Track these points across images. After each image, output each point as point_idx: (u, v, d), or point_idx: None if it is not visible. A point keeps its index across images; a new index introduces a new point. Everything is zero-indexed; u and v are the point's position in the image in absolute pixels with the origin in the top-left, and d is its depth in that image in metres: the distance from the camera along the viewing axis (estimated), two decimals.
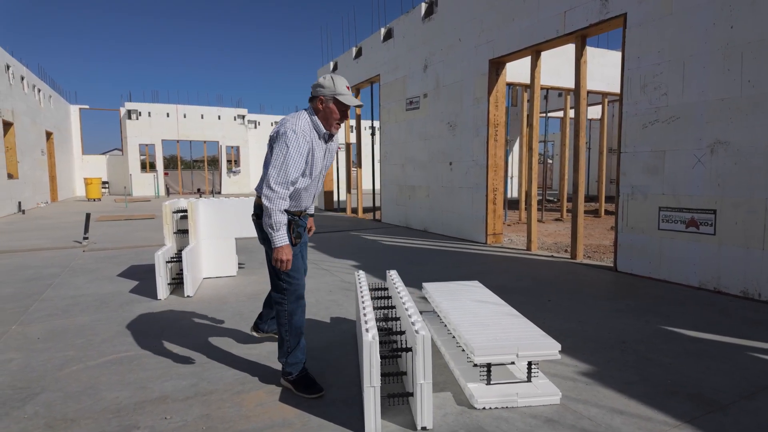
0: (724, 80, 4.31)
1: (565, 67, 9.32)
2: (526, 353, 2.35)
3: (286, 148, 2.35)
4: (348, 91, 2.50)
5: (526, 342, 2.38)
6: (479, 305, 2.99)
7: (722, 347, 3.09)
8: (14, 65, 14.30)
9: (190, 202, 4.87)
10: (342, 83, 2.48)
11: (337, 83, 2.47)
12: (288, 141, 2.36)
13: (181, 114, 24.11)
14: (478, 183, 7.61)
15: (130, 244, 7.61)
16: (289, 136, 2.36)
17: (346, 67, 12.41)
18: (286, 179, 2.35)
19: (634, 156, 5.15)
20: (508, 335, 2.46)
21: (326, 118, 2.50)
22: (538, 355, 2.37)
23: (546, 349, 2.37)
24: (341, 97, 2.46)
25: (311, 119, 2.49)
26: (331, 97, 2.46)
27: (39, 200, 16.13)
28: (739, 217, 4.26)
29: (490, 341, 2.39)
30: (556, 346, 2.36)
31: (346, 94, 2.48)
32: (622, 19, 5.21)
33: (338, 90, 2.46)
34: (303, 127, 2.42)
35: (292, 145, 2.35)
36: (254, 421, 2.21)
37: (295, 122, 2.42)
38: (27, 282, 5.03)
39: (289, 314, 2.53)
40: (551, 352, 2.36)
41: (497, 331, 2.52)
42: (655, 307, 4.01)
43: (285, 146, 2.35)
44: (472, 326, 2.59)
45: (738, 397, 2.42)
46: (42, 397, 2.46)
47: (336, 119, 2.51)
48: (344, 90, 2.48)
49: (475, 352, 2.30)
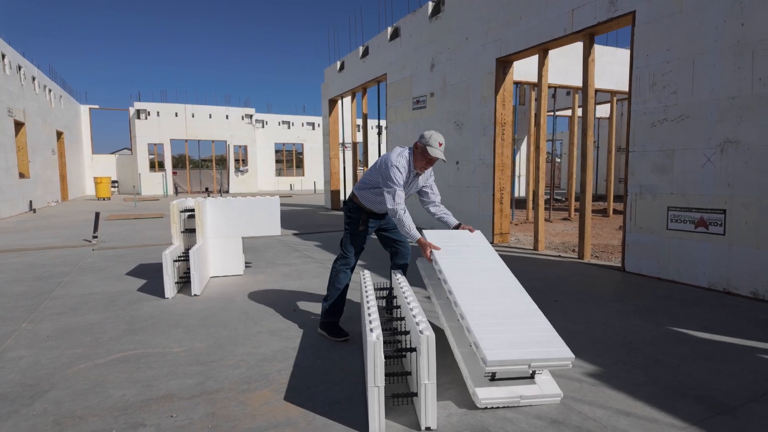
0: (734, 78, 4.25)
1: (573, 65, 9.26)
2: (538, 364, 2.23)
3: (393, 180, 3.05)
4: (438, 147, 3.09)
5: (540, 349, 2.25)
6: (487, 277, 2.84)
7: (732, 349, 3.06)
8: (26, 66, 14.48)
9: (198, 201, 4.90)
10: (436, 140, 3.09)
11: (432, 138, 3.09)
12: (392, 173, 3.07)
13: (189, 113, 24.28)
14: (485, 182, 7.58)
15: (139, 242, 7.68)
16: (394, 171, 3.07)
17: (352, 66, 12.41)
18: (399, 201, 3.06)
19: (642, 155, 5.10)
20: (521, 337, 2.32)
21: (416, 160, 3.17)
22: (550, 365, 2.26)
23: (559, 359, 2.24)
24: (429, 149, 3.09)
25: (408, 156, 3.18)
26: (423, 147, 3.10)
27: (50, 199, 16.33)
28: (749, 217, 4.21)
29: (501, 345, 2.25)
30: (569, 357, 2.24)
31: (435, 147, 3.08)
32: (630, 17, 5.16)
33: (429, 143, 3.08)
34: (403, 165, 3.13)
35: (396, 176, 3.07)
36: (259, 420, 2.22)
37: (399, 159, 3.12)
38: (38, 280, 5.09)
39: (336, 272, 3.32)
40: (564, 363, 2.25)
41: (509, 328, 2.37)
42: (663, 307, 3.97)
43: (392, 177, 3.06)
44: (481, 317, 2.43)
45: (747, 399, 2.39)
46: (51, 394, 2.49)
47: (422, 163, 3.16)
48: (435, 144, 3.08)
49: (486, 361, 2.17)
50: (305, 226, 9.81)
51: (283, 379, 2.65)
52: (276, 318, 3.76)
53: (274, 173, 28.29)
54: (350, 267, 3.34)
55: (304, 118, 28.71)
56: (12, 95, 13.03)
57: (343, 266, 3.31)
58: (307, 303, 4.18)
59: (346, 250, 3.33)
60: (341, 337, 3.23)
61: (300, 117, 28.69)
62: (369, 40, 11.49)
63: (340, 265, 3.32)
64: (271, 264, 5.94)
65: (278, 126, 28.04)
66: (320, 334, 3.35)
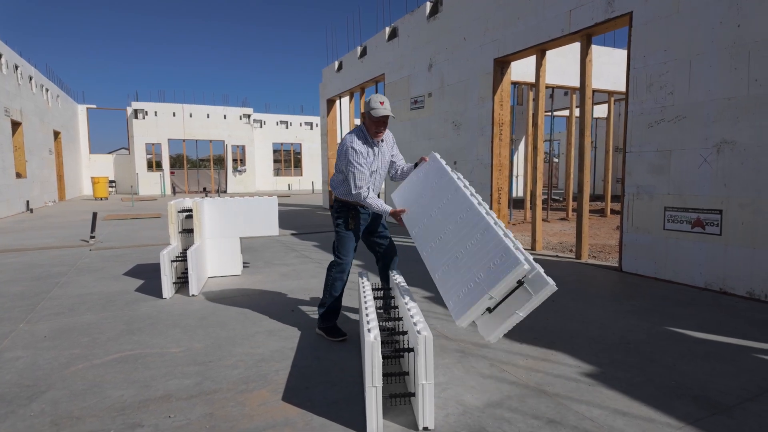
0: (731, 79, 4.27)
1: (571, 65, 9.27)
2: (498, 290, 2.16)
3: (352, 163, 3.04)
4: (380, 106, 3.03)
5: (495, 275, 2.18)
6: (447, 222, 2.71)
7: (728, 348, 3.07)
8: (23, 65, 14.43)
9: (195, 201, 4.89)
10: (376, 100, 3.04)
11: (372, 100, 3.06)
12: (349, 158, 3.04)
13: (187, 113, 24.24)
14: (483, 182, 7.60)
15: (136, 242, 7.67)
16: (351, 155, 3.05)
17: (351, 66, 12.41)
18: (362, 181, 3.07)
19: (639, 155, 5.12)
20: (478, 272, 2.27)
21: (369, 129, 3.13)
22: (508, 284, 2.16)
23: (514, 274, 2.12)
24: (373, 111, 3.04)
25: (362, 131, 3.15)
26: (368, 112, 3.07)
27: (47, 199, 16.28)
28: (745, 218, 4.23)
29: (463, 298, 2.25)
30: (521, 265, 2.11)
31: (377, 107, 3.02)
32: (628, 18, 5.17)
33: (371, 105, 3.05)
34: (357, 144, 3.07)
35: (353, 161, 3.04)
36: (257, 420, 2.23)
37: (351, 138, 3.09)
38: (35, 280, 5.08)
39: (332, 280, 3.28)
40: (520, 273, 2.13)
41: (468, 270, 2.34)
42: (660, 307, 3.99)
43: (349, 160, 3.04)
44: (445, 275, 2.48)
45: (743, 399, 2.40)
46: (48, 395, 2.49)
47: (374, 129, 3.11)
48: (376, 105, 3.03)
49: (456, 321, 2.23)
50: (303, 226, 9.80)
51: (281, 379, 2.66)
52: (274, 318, 3.76)
53: (272, 173, 28.28)
54: (346, 272, 3.31)
55: (303, 118, 28.71)
56: (9, 95, 12.98)
57: (338, 273, 3.28)
58: (305, 303, 4.18)
59: (340, 254, 3.28)
60: (339, 337, 3.24)
61: (298, 117, 28.69)
62: (367, 40, 11.50)
63: (336, 273, 3.29)
64: (269, 264, 5.94)
65: (276, 126, 28.03)
66: (318, 334, 3.36)
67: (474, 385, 2.57)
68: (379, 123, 3.08)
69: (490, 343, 2.25)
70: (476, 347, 3.11)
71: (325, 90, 14.37)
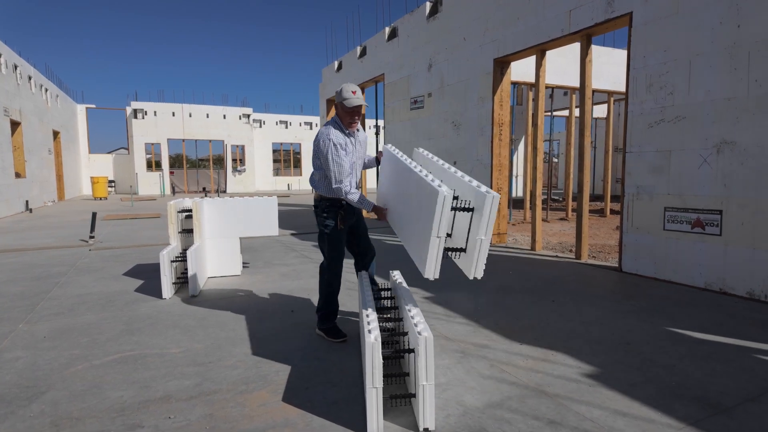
0: (730, 79, 4.27)
1: (571, 65, 9.28)
2: (438, 226, 2.15)
3: (331, 156, 2.96)
4: (353, 96, 2.99)
5: (427, 215, 2.21)
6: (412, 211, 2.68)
7: (728, 349, 3.07)
8: (22, 65, 14.41)
9: (195, 201, 4.89)
10: (348, 90, 2.99)
11: (343, 89, 3.01)
12: (328, 151, 2.96)
13: (186, 113, 24.23)
14: (483, 182, 7.56)
15: (136, 243, 7.66)
16: (329, 148, 2.96)
17: (350, 66, 12.41)
18: (342, 178, 3.00)
19: (639, 156, 5.12)
20: (422, 224, 2.32)
21: (343, 119, 3.08)
22: (444, 215, 2.14)
23: (438, 201, 2.13)
24: (345, 101, 2.99)
25: (337, 123, 3.08)
26: (340, 103, 3.02)
27: (46, 199, 16.26)
28: (745, 218, 4.23)
29: (421, 250, 2.30)
30: (437, 192, 2.12)
31: (349, 97, 2.98)
32: (627, 18, 5.17)
33: (343, 95, 3.00)
34: (334, 136, 2.99)
35: (331, 153, 2.96)
36: (257, 421, 2.22)
37: (328, 131, 3.00)
38: (35, 280, 5.07)
39: (327, 284, 3.25)
40: (441, 198, 2.12)
41: (418, 228, 2.40)
42: (660, 308, 3.99)
43: (328, 155, 2.96)
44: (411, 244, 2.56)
45: (743, 399, 2.40)
46: (48, 395, 2.48)
47: (347, 119, 3.06)
48: (348, 94, 2.98)
49: (424, 275, 2.24)
50: (303, 226, 9.80)
51: (281, 379, 2.66)
52: (274, 318, 3.76)
53: (272, 173, 28.27)
54: (339, 275, 3.26)
55: (302, 118, 28.69)
56: (8, 94, 12.97)
57: (332, 276, 3.23)
58: (305, 303, 4.18)
59: (331, 258, 3.20)
60: (339, 338, 3.23)
61: (298, 117, 28.68)
62: (367, 40, 11.49)
63: (329, 276, 3.23)
64: (268, 264, 5.94)
65: (276, 126, 28.01)
66: (318, 335, 3.35)
67: (474, 385, 2.56)
68: (353, 113, 3.04)
69: (477, 279, 2.22)
70: (476, 348, 3.11)
71: (324, 90, 14.36)
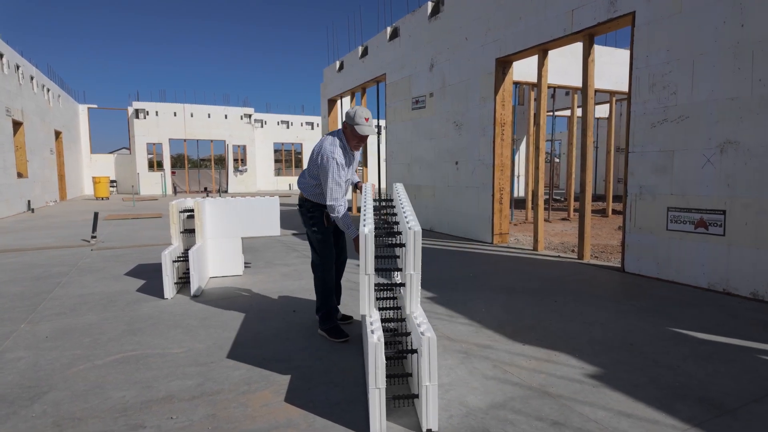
0: (734, 79, 4.25)
1: (573, 65, 9.26)
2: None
3: (331, 175, 3.04)
4: (365, 122, 3.08)
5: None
6: None
7: (731, 350, 3.06)
8: (24, 65, 14.43)
9: (197, 201, 4.88)
10: (361, 116, 3.08)
11: (357, 114, 3.08)
12: (328, 167, 3.04)
13: (188, 113, 24.24)
14: (485, 182, 7.58)
15: (138, 242, 7.66)
16: (330, 165, 3.04)
17: (352, 66, 12.40)
18: (338, 194, 3.10)
19: (642, 156, 5.10)
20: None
21: (349, 140, 3.18)
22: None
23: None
24: (357, 127, 3.09)
25: (341, 139, 3.16)
26: (352, 127, 3.11)
27: (48, 199, 16.28)
28: (749, 218, 4.21)
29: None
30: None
31: (362, 124, 3.08)
32: (630, 18, 5.16)
33: (356, 120, 3.09)
34: (339, 154, 3.08)
35: (331, 170, 3.04)
36: (260, 421, 2.22)
37: (333, 149, 3.07)
38: (36, 280, 5.07)
39: (320, 281, 3.28)
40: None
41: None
42: (663, 308, 3.98)
43: (329, 173, 3.04)
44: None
45: (747, 400, 2.39)
46: (50, 395, 2.48)
47: (354, 143, 3.19)
48: (361, 121, 3.08)
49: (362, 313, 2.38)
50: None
51: (284, 380, 2.65)
52: (276, 318, 3.76)
53: (273, 173, 28.26)
54: (331, 270, 3.32)
55: (303, 118, 28.69)
56: (10, 94, 12.99)
57: (324, 272, 3.28)
58: (306, 303, 4.17)
59: (321, 254, 3.27)
60: (342, 338, 3.23)
61: (299, 117, 28.67)
62: (368, 40, 11.48)
63: (321, 272, 3.28)
64: (270, 264, 5.93)
65: (277, 126, 28.01)
66: (320, 335, 3.35)
67: (477, 386, 2.56)
68: (362, 138, 3.17)
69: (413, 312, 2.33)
70: (479, 348, 3.10)
71: (326, 90, 14.36)
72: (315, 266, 3.32)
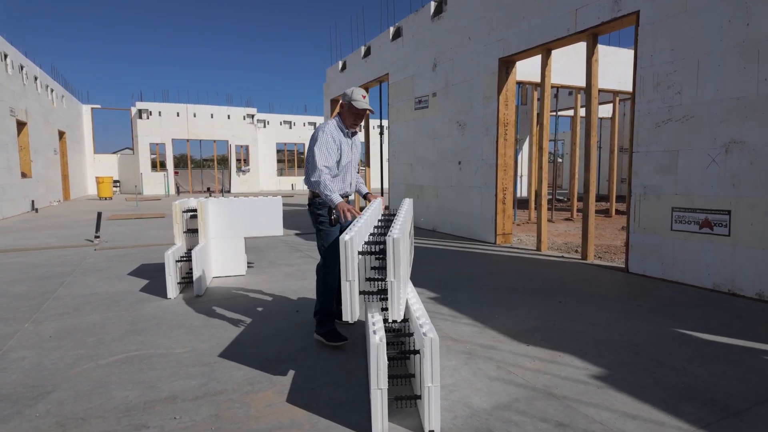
0: (739, 78, 4.23)
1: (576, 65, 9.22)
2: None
3: (318, 143, 3.07)
4: (362, 99, 3.13)
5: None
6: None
7: (737, 351, 3.04)
8: (28, 66, 14.49)
9: (200, 201, 4.89)
10: (358, 93, 3.14)
11: (354, 92, 3.15)
12: (318, 137, 3.09)
13: (191, 113, 24.29)
14: (488, 182, 7.56)
15: (141, 242, 7.67)
16: (320, 135, 3.11)
17: (354, 66, 12.40)
18: (322, 165, 3.03)
19: (646, 155, 5.08)
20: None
21: (345, 119, 3.22)
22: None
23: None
24: (354, 102, 3.14)
25: (337, 120, 3.23)
26: (348, 102, 3.16)
27: (52, 199, 16.34)
28: (754, 218, 4.18)
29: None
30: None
31: (359, 99, 3.12)
32: (634, 17, 5.13)
33: (353, 97, 3.14)
34: (331, 128, 3.15)
35: (321, 140, 3.08)
36: (263, 422, 2.21)
37: (325, 126, 3.16)
38: (40, 280, 5.09)
39: (322, 281, 3.19)
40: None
41: None
42: (667, 309, 3.95)
43: (316, 141, 3.08)
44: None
45: (754, 402, 2.37)
46: (54, 395, 2.48)
47: (351, 120, 3.20)
48: (358, 97, 3.13)
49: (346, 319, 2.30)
50: (307, 226, 9.79)
51: (287, 380, 2.64)
52: (279, 318, 3.75)
53: (276, 173, 28.31)
54: (333, 272, 3.15)
55: (306, 118, 28.72)
56: (14, 95, 13.04)
57: (325, 274, 3.18)
58: (309, 303, 4.16)
59: (328, 255, 3.16)
60: (339, 342, 3.14)
61: (302, 117, 28.70)
62: (371, 40, 11.48)
63: (324, 275, 3.18)
64: (273, 264, 5.93)
65: (280, 126, 28.05)
66: (317, 340, 3.23)
67: (481, 387, 2.54)
68: (358, 115, 3.18)
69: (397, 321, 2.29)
70: (483, 349, 3.08)
71: (328, 90, 14.36)
72: (319, 267, 3.27)
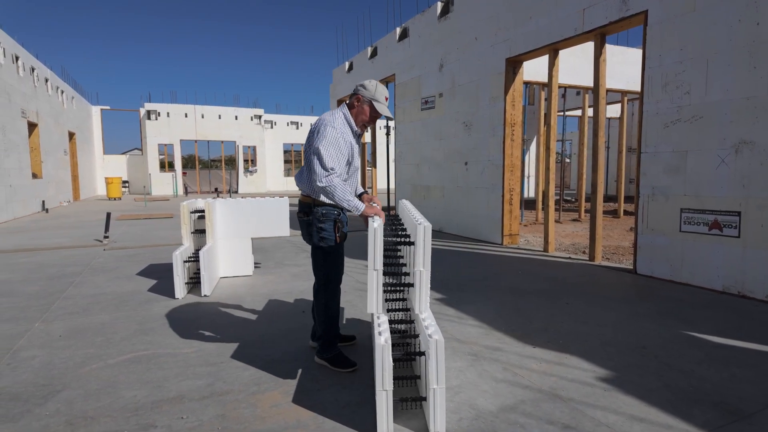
0: (749, 78, 4.18)
1: (584, 65, 9.18)
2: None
3: (326, 140, 2.52)
4: (384, 102, 2.68)
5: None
6: None
7: (747, 353, 3.00)
8: (39, 68, 14.66)
9: (207, 202, 4.92)
10: (382, 93, 2.68)
11: (378, 90, 2.66)
12: (325, 134, 2.54)
13: (199, 114, 24.44)
14: (494, 183, 7.54)
15: (149, 243, 7.74)
16: (328, 131, 2.54)
17: (361, 66, 12.41)
18: (333, 166, 2.52)
19: (654, 156, 5.04)
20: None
21: (357, 116, 2.71)
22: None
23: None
24: (377, 104, 2.67)
25: (345, 114, 2.69)
26: (368, 101, 2.67)
27: (62, 199, 16.52)
28: (764, 219, 4.13)
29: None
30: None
31: (382, 103, 2.67)
32: (643, 17, 5.09)
33: (376, 96, 2.66)
34: (340, 125, 2.61)
35: (330, 137, 2.53)
36: (269, 422, 2.22)
37: (332, 119, 2.61)
38: (50, 280, 5.15)
39: (325, 307, 2.77)
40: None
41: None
42: (676, 310, 3.92)
43: (323, 138, 2.53)
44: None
45: (763, 405, 2.34)
46: (63, 394, 2.51)
47: (364, 120, 2.71)
48: (382, 99, 2.67)
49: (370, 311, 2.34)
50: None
51: (293, 380, 2.65)
52: (285, 319, 3.77)
53: (283, 174, 28.39)
54: (336, 294, 2.80)
55: (313, 119, 28.63)
56: (25, 96, 13.20)
57: (329, 298, 2.76)
58: None
59: (328, 277, 2.72)
60: (349, 368, 2.74)
61: (308, 117, 28.77)
62: (378, 41, 11.49)
63: (326, 299, 2.74)
64: (280, 264, 5.95)
65: (287, 126, 28.14)
66: (319, 364, 2.83)
67: (487, 389, 2.54)
68: (373, 118, 2.71)
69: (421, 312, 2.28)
70: (489, 350, 3.08)
71: (335, 90, 14.39)
72: (317, 291, 2.79)
